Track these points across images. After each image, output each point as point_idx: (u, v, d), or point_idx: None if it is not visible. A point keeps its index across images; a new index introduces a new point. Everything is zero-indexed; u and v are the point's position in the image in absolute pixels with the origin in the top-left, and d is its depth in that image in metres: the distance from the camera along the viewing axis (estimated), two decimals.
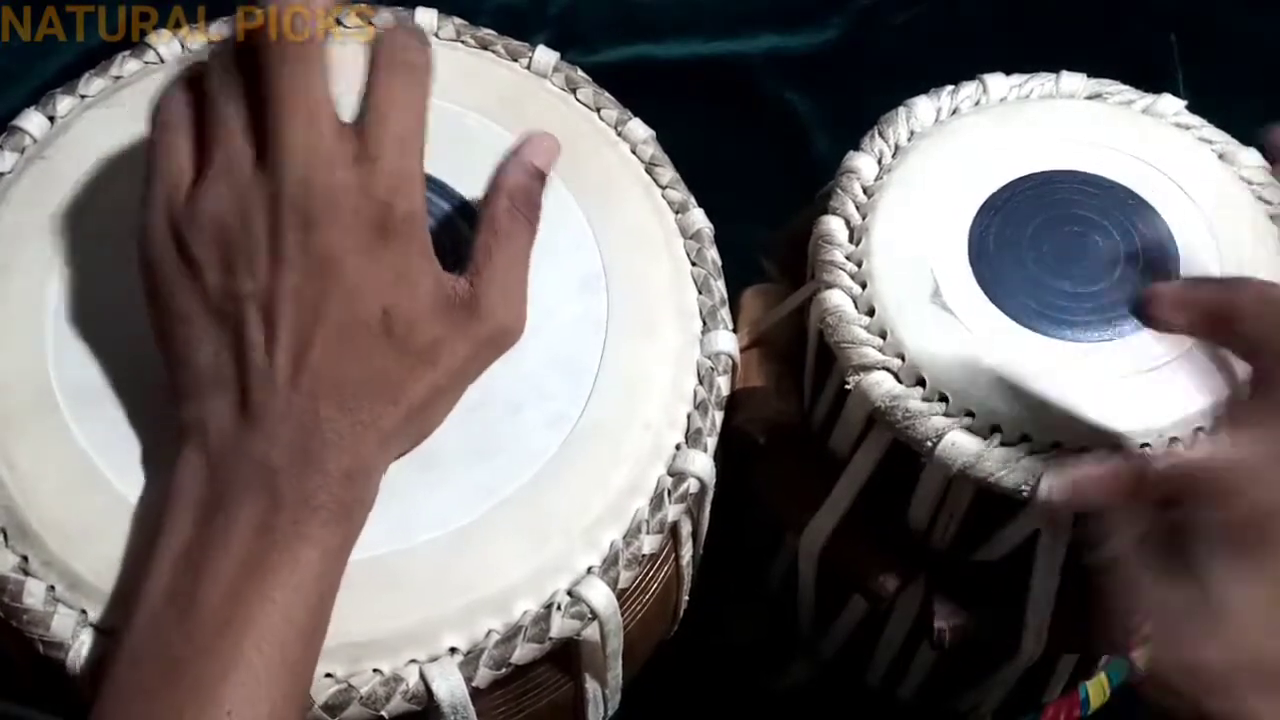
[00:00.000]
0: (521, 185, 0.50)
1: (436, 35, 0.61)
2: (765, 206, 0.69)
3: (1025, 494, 0.52)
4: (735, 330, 0.57)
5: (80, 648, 0.46)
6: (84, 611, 0.47)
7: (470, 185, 0.55)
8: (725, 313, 0.56)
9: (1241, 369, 0.48)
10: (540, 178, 0.51)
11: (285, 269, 0.45)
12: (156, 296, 0.47)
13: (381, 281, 0.46)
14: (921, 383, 0.54)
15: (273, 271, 0.45)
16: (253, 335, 0.45)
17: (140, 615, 0.44)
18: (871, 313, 0.56)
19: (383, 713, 0.46)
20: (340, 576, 0.46)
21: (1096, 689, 0.74)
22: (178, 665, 0.42)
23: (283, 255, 0.45)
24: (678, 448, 0.52)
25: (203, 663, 0.42)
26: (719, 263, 0.58)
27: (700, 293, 0.56)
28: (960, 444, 0.53)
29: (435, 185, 0.55)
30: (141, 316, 0.51)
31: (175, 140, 0.47)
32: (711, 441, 0.53)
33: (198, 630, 0.42)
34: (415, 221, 0.47)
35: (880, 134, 0.61)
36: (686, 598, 0.61)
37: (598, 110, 0.60)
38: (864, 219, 0.58)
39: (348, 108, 0.47)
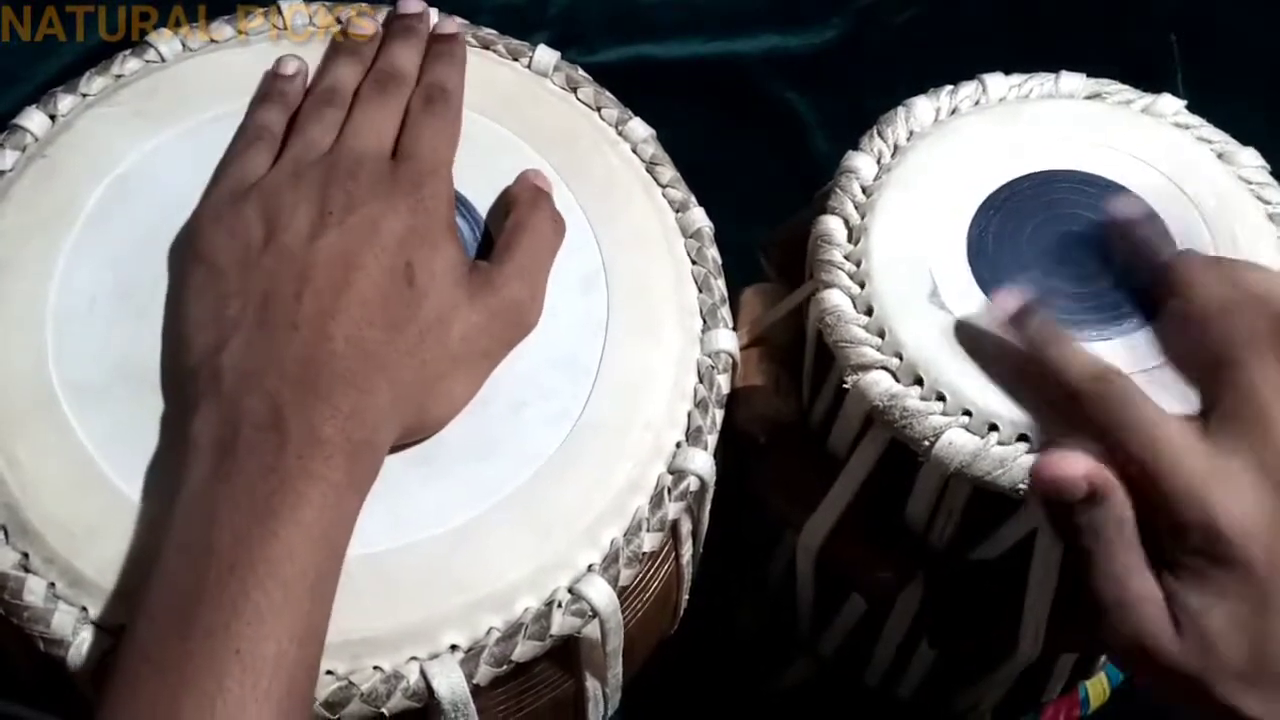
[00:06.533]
0: (539, 190, 0.56)
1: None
2: (765, 206, 0.69)
3: (1022, 493, 0.52)
4: (735, 329, 0.58)
5: (81, 645, 0.46)
6: (84, 609, 0.47)
7: (471, 184, 0.56)
8: (725, 311, 0.56)
9: None
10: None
11: (327, 228, 0.49)
12: (200, 259, 0.50)
13: (409, 241, 0.50)
14: (919, 382, 0.54)
15: (316, 227, 0.50)
16: (284, 287, 0.48)
17: (157, 566, 0.44)
18: (870, 312, 0.56)
19: (383, 710, 0.46)
20: (349, 522, 0.46)
21: (1096, 689, 0.74)
22: (189, 610, 0.42)
23: (328, 211, 0.50)
24: (678, 446, 0.53)
25: (212, 605, 0.42)
26: (719, 261, 0.58)
27: (700, 291, 0.56)
28: (958, 443, 0.53)
29: None
30: (142, 314, 0.52)
31: (258, 152, 0.54)
32: (712, 439, 0.53)
33: (207, 574, 0.43)
34: (441, 200, 0.53)
35: (879, 134, 0.61)
36: (687, 596, 0.61)
37: (598, 109, 0.60)
38: (863, 218, 0.58)
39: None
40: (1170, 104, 0.62)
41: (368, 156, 0.52)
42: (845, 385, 0.55)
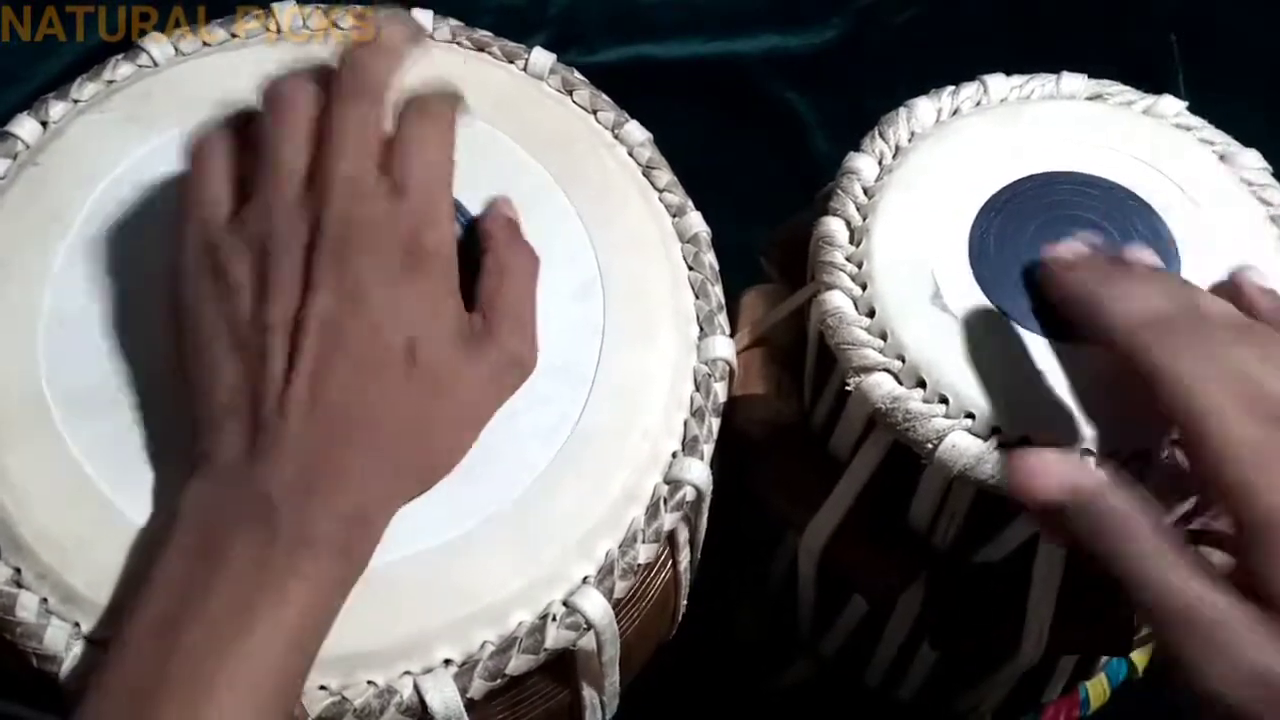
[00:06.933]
0: (512, 223, 0.53)
1: (432, 37, 0.61)
2: (765, 207, 0.69)
3: None
4: (735, 331, 0.57)
5: (73, 660, 0.46)
6: (77, 624, 0.46)
7: (469, 189, 0.55)
8: (722, 318, 0.56)
9: None
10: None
11: (316, 295, 0.46)
12: (186, 320, 0.48)
13: (408, 312, 0.47)
14: (922, 384, 0.54)
15: (304, 297, 0.46)
16: (274, 366, 0.45)
17: (125, 642, 0.43)
18: (872, 314, 0.55)
19: None
20: (331, 616, 0.45)
21: (1096, 689, 0.74)
22: (150, 699, 0.42)
23: (315, 282, 0.46)
24: (674, 455, 0.52)
25: (172, 699, 0.41)
26: (716, 267, 0.57)
27: (697, 298, 0.56)
28: (961, 445, 0.52)
29: None
30: (136, 326, 0.51)
31: (212, 168, 0.49)
32: (708, 449, 0.53)
33: (175, 666, 0.42)
34: (441, 255, 0.48)
35: (881, 134, 0.60)
36: (685, 602, 0.61)
37: (594, 112, 0.60)
38: (864, 220, 0.58)
39: None
40: (1172, 105, 0.62)
41: (355, 195, 0.47)
42: (847, 387, 0.55)
